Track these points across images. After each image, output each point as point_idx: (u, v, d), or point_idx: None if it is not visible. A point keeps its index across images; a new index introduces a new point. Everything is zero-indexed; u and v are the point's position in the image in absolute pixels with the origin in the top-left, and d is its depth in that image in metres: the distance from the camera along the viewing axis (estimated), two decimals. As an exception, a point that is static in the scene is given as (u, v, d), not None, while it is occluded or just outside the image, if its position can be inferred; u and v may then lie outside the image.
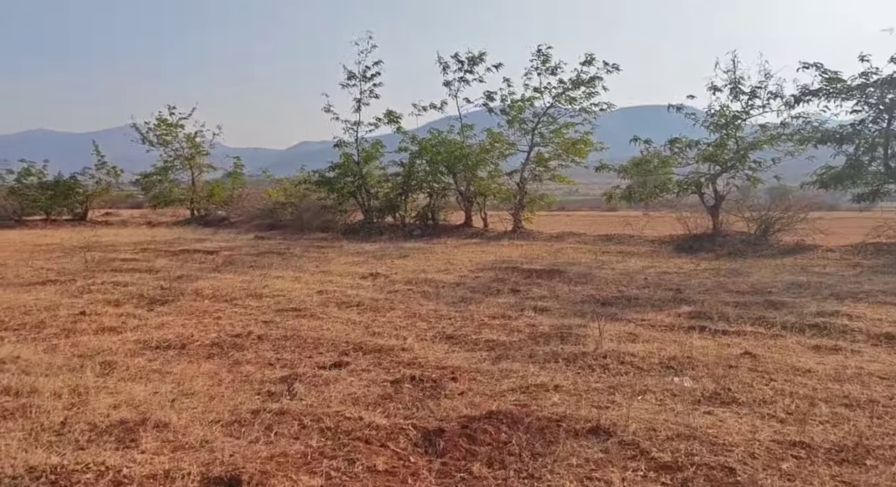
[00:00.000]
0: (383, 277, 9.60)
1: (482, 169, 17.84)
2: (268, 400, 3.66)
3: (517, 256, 12.50)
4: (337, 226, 19.91)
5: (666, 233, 15.04)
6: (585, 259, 11.95)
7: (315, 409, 3.51)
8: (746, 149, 12.38)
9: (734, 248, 12.53)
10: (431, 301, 7.59)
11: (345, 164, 19.54)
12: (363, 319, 6.33)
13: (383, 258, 12.29)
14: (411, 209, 19.17)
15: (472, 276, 9.71)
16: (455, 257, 12.36)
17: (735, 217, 13.63)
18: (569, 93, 16.09)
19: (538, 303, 7.36)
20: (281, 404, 3.58)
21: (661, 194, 13.53)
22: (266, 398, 3.72)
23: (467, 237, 16.71)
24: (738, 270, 9.94)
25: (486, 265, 11.08)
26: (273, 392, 3.84)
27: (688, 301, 7.38)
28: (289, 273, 10.07)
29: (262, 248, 14.28)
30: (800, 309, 6.64)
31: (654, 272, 10.02)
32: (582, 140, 16.39)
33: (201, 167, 26.12)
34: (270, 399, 3.70)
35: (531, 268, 10.50)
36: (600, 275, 9.57)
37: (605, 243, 14.53)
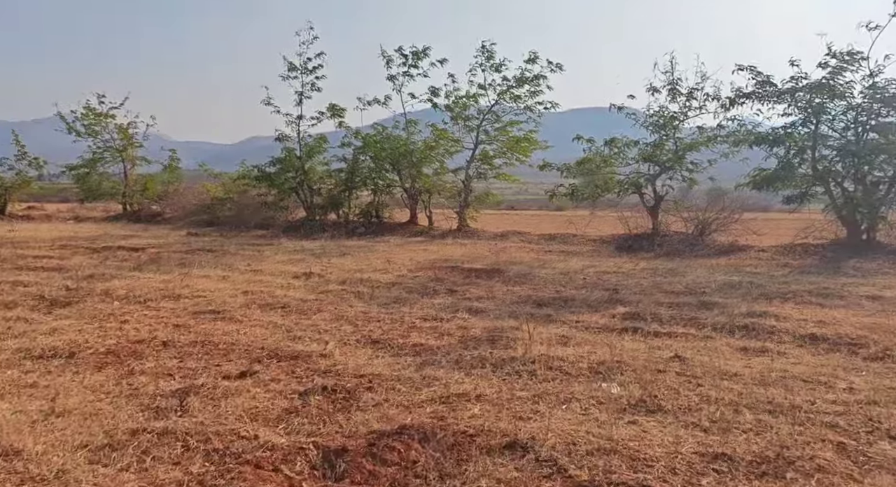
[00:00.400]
0: (317, 277, 9.20)
1: (428, 166, 17.57)
2: (153, 418, 3.27)
3: (459, 255, 12.29)
4: (278, 223, 19.25)
5: (608, 233, 15.17)
6: (527, 258, 11.86)
7: (206, 427, 3.15)
8: (684, 149, 12.57)
9: (672, 248, 12.70)
10: (363, 302, 7.27)
11: (286, 159, 18.91)
12: (286, 322, 5.94)
13: (321, 256, 11.85)
14: (355, 206, 18.72)
15: (410, 276, 9.43)
16: (396, 256, 12.05)
17: (674, 217, 13.85)
18: (513, 90, 16.00)
19: (474, 304, 7.15)
20: (167, 422, 3.20)
21: (603, 194, 13.59)
22: (152, 415, 3.33)
23: (412, 235, 16.42)
24: (674, 270, 10.02)
25: (426, 264, 10.82)
26: (162, 407, 3.44)
27: (623, 301, 7.31)
28: (217, 272, 9.53)
29: (193, 246, 13.57)
30: (730, 310, 6.66)
31: (593, 272, 9.99)
32: (526, 138, 16.34)
33: (134, 159, 24.80)
34: (157, 416, 3.31)
35: (472, 268, 10.31)
36: (540, 275, 9.46)
37: (548, 242, 14.52)
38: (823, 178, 11.32)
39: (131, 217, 23.15)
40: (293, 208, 20.00)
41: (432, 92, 16.89)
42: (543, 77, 15.59)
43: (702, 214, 13.36)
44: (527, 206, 45.60)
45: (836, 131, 11.44)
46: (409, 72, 17.11)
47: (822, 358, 4.91)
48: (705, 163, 12.83)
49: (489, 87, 16.11)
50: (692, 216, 13.63)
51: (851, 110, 11.11)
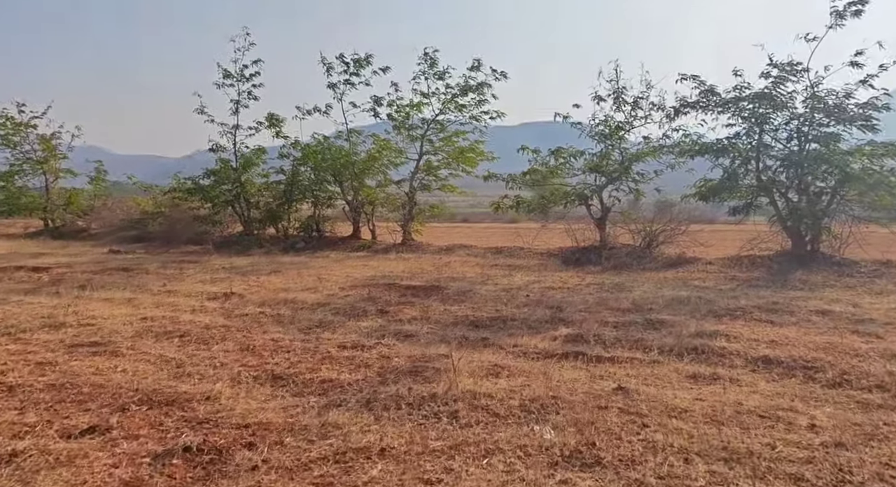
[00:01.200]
0: (237, 298, 8.34)
1: (370, 177, 16.85)
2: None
3: (400, 271, 11.60)
4: (212, 238, 18.13)
5: (556, 246, 14.76)
6: (471, 273, 11.26)
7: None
8: (630, 160, 12.27)
9: (620, 261, 12.35)
10: (280, 327, 6.48)
11: (221, 171, 17.85)
12: (179, 355, 5.11)
13: (249, 274, 10.95)
14: (295, 220, 17.81)
15: (341, 295, 8.67)
16: (332, 272, 11.26)
17: (621, 229, 13.54)
18: (457, 99, 15.50)
19: (404, 328, 6.46)
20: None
21: (549, 205, 13.17)
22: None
23: (353, 250, 15.64)
24: (621, 285, 9.59)
25: (362, 281, 10.08)
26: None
27: (566, 321, 6.76)
28: (123, 294, 8.54)
29: (110, 264, 12.43)
30: (679, 330, 6.18)
31: (538, 287, 9.46)
32: (472, 148, 15.84)
33: (57, 172, 23.13)
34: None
35: (410, 285, 9.63)
36: (481, 292, 8.86)
37: (494, 256, 13.98)
38: (768, 189, 11.18)
39: (53, 233, 21.53)
40: (230, 222, 18.93)
41: (375, 101, 16.23)
42: (488, 85, 15.17)
43: (649, 226, 13.09)
44: (481, 219, 45.25)
45: (779, 141, 11.35)
46: (350, 80, 16.42)
47: (777, 386, 4.43)
48: (651, 173, 12.58)
49: (433, 96, 15.58)
50: (639, 228, 13.35)
51: (794, 120, 11.03)
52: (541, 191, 14.31)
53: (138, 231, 20.06)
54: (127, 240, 19.33)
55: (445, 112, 15.88)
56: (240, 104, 17.70)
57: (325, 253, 15.04)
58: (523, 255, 13.96)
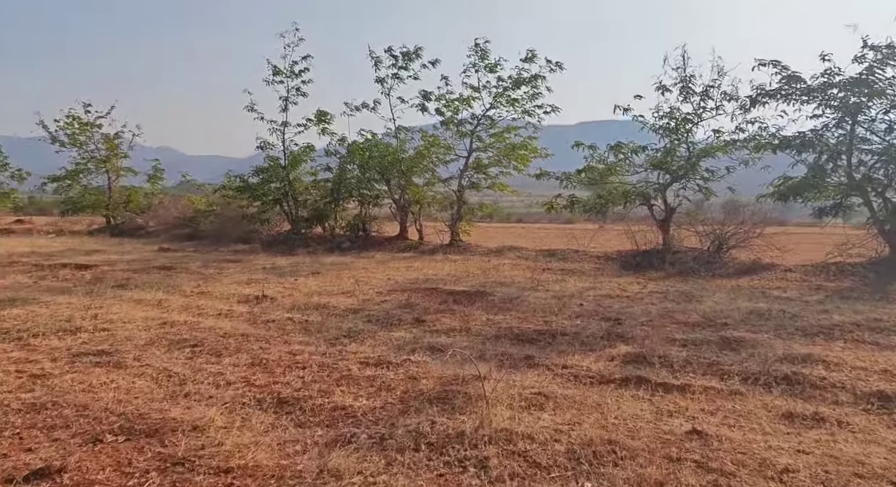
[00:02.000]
0: (268, 301, 7.86)
1: (418, 175, 16.27)
2: None
3: (444, 274, 10.92)
4: (260, 236, 18.02)
5: (614, 249, 13.74)
6: (520, 278, 10.46)
7: None
8: (698, 156, 11.11)
9: (686, 267, 11.25)
10: (305, 336, 5.91)
11: (269, 169, 17.69)
12: (184, 370, 4.58)
13: (288, 275, 10.54)
14: (342, 219, 17.44)
15: (378, 300, 8.06)
16: (373, 275, 10.71)
17: (687, 231, 12.39)
18: (509, 93, 14.68)
19: (440, 340, 5.77)
20: None
21: (607, 206, 12.17)
22: None
23: (399, 250, 15.08)
24: (689, 294, 8.56)
25: (402, 285, 9.47)
26: None
27: (626, 337, 5.89)
28: (155, 294, 8.23)
29: (155, 262, 12.32)
30: (763, 351, 5.21)
31: (593, 295, 8.56)
32: (524, 145, 14.98)
33: (119, 171, 23.74)
34: None
35: (453, 290, 8.93)
36: (530, 300, 8.05)
37: (547, 259, 13.10)
38: (861, 187, 9.84)
39: (114, 231, 22.04)
40: (279, 221, 18.77)
41: (423, 96, 15.61)
42: (542, 77, 14.27)
43: (719, 228, 11.90)
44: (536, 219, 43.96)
45: (876, 134, 9.97)
46: (398, 74, 15.87)
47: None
48: (722, 170, 11.37)
49: (483, 90, 14.81)
50: (708, 230, 12.17)
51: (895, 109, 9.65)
52: (598, 190, 13.33)
53: (191, 229, 20.25)
54: (180, 238, 19.51)
55: (496, 106, 15.09)
56: (289, 101, 17.46)
57: (370, 254, 14.56)
58: (578, 259, 13.02)
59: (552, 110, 14.86)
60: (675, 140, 11.26)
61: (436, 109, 15.23)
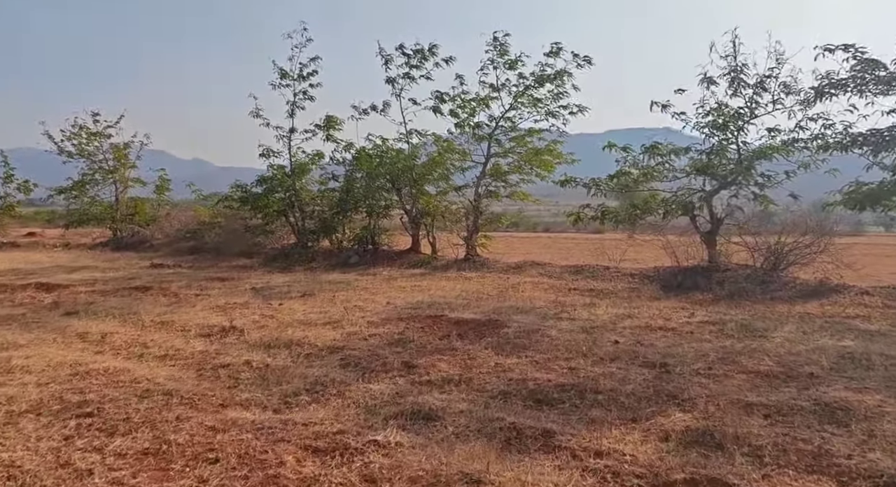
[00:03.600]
0: (235, 335, 6.52)
1: (431, 183, 14.89)
2: None
3: (455, 295, 9.48)
4: (264, 250, 16.83)
5: (649, 264, 12.12)
6: (542, 301, 8.95)
7: None
8: (752, 157, 9.44)
9: (737, 287, 9.60)
10: (255, 392, 4.53)
11: (274, 178, 16.51)
12: (39, 465, 3.20)
13: (275, 298, 9.23)
14: (350, 231, 16.13)
15: (366, 333, 6.65)
16: (373, 297, 9.33)
17: (736, 246, 10.73)
18: (532, 92, 13.22)
19: (429, 400, 4.32)
20: None
21: (642, 216, 10.58)
22: None
23: (410, 266, 13.68)
24: (750, 326, 6.95)
25: (403, 311, 8.06)
26: None
27: (681, 397, 4.35)
28: (106, 325, 6.96)
29: (136, 282, 11.14)
30: (886, 428, 3.63)
31: (629, 326, 7.01)
32: (548, 149, 13.48)
33: (126, 181, 22.92)
34: None
35: (461, 318, 7.49)
36: (552, 333, 6.55)
37: (573, 277, 11.54)
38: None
39: (119, 244, 21.15)
40: (286, 233, 17.56)
41: (437, 97, 14.23)
42: (568, 74, 12.78)
43: (775, 241, 10.21)
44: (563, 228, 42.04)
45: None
46: (410, 74, 14.56)
47: None
48: (780, 175, 9.68)
49: (503, 89, 13.38)
50: (761, 244, 10.50)
51: None
52: (630, 198, 11.76)
53: (196, 242, 19.23)
54: (183, 252, 18.49)
55: (517, 107, 13.64)
56: (296, 105, 16.30)
57: (376, 271, 13.19)
58: (609, 276, 11.44)
59: (579, 111, 13.36)
60: (723, 139, 9.62)
61: (450, 111, 13.83)
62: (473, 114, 13.73)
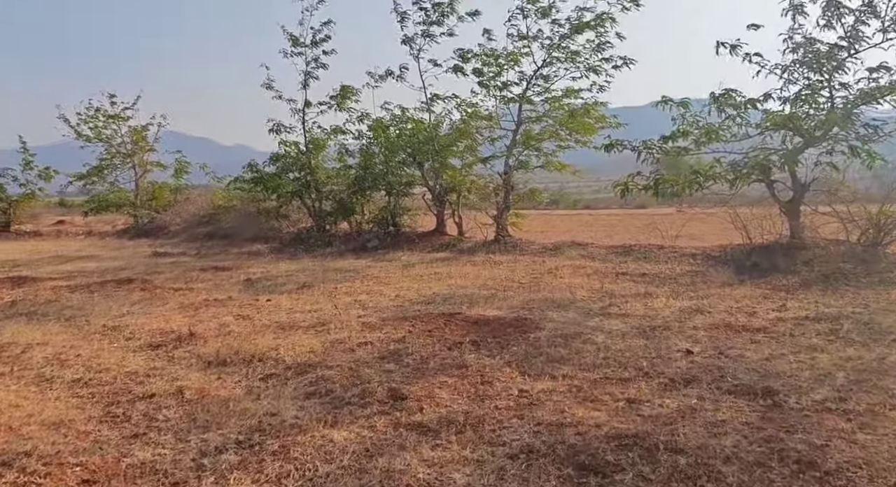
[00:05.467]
0: (190, 345, 5.13)
1: (457, 156, 13.25)
2: None
3: (479, 285, 7.91)
4: (280, 234, 15.57)
5: (713, 243, 10.24)
6: (584, 291, 7.27)
7: None
8: (855, 102, 7.36)
9: (831, 268, 7.72)
10: (163, 446, 3.09)
11: (288, 156, 15.14)
12: None
13: (266, 292, 7.85)
14: (370, 212, 14.68)
15: (356, 341, 5.15)
16: (382, 289, 7.85)
17: (825, 216, 8.76)
18: (568, 43, 11.34)
19: (411, 465, 2.79)
20: None
21: (705, 184, 8.68)
22: None
23: (433, 249, 12.14)
24: (871, 324, 5.14)
25: (411, 307, 6.54)
26: None
27: (818, 466, 2.67)
28: (41, 333, 5.68)
29: (124, 274, 9.98)
30: None
31: (702, 327, 5.30)
32: (586, 110, 11.61)
33: (146, 165, 22.02)
34: None
35: (481, 317, 5.92)
36: (598, 339, 4.91)
37: (620, 259, 9.79)
38: None
39: (138, 231, 20.31)
40: (304, 216, 16.23)
41: (461, 56, 12.47)
42: (611, 18, 10.83)
43: (878, 210, 8.23)
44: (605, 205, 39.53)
45: None
46: (429, 31, 12.80)
47: None
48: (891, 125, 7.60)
49: (534, 41, 11.52)
50: (857, 214, 8.51)
51: None
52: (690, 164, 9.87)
53: (213, 227, 18.18)
54: (198, 238, 17.45)
55: (551, 63, 11.78)
56: (309, 75, 14.80)
57: (396, 255, 11.71)
58: (664, 258, 9.63)
59: (625, 63, 11.40)
60: (815, 82, 7.58)
61: (473, 70, 12.07)
62: (501, 73, 11.94)
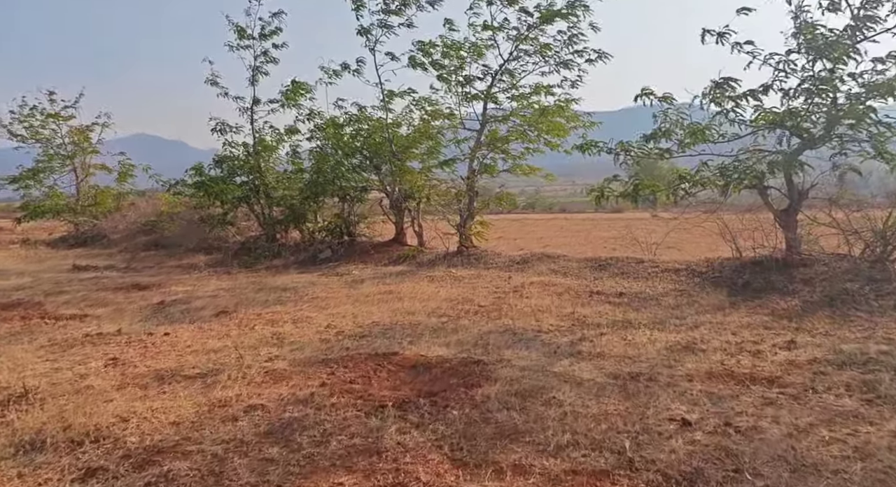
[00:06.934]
0: (5, 413, 3.79)
1: (418, 159, 12.02)
2: None
3: (432, 309, 6.69)
4: (227, 244, 14.14)
5: (697, 255, 9.15)
6: (552, 318, 6.08)
7: None
8: (868, 94, 6.23)
9: (835, 288, 6.65)
10: None
11: (234, 158, 13.75)
12: None
13: (171, 320, 6.51)
14: (324, 219, 13.37)
15: (245, 403, 3.90)
16: (315, 314, 6.58)
17: (824, 226, 7.71)
18: (536, 34, 10.18)
19: None
20: None
21: (691, 190, 7.56)
22: None
23: (390, 262, 10.88)
24: None
25: (339, 344, 5.29)
26: None
27: None
28: None
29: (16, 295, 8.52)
30: None
31: (697, 376, 4.14)
32: (559, 108, 10.47)
33: (88, 168, 20.34)
34: None
35: (422, 359, 4.70)
36: (565, 401, 3.72)
37: (595, 274, 8.63)
38: None
39: (78, 239, 18.64)
40: (254, 224, 14.81)
41: (420, 48, 11.22)
42: (584, 6, 9.70)
43: (885, 220, 7.19)
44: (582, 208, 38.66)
45: None
46: (387, 21, 11.53)
47: None
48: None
49: (500, 31, 10.33)
50: (860, 225, 7.48)
51: None
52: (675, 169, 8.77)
53: (157, 235, 16.66)
54: (139, 247, 15.95)
55: (519, 56, 10.61)
56: (258, 70, 13.46)
57: (348, 268, 10.45)
58: (645, 273, 8.48)
59: (599, 57, 10.28)
60: (822, 72, 6.46)
61: (433, 62, 10.84)
62: (463, 66, 10.74)
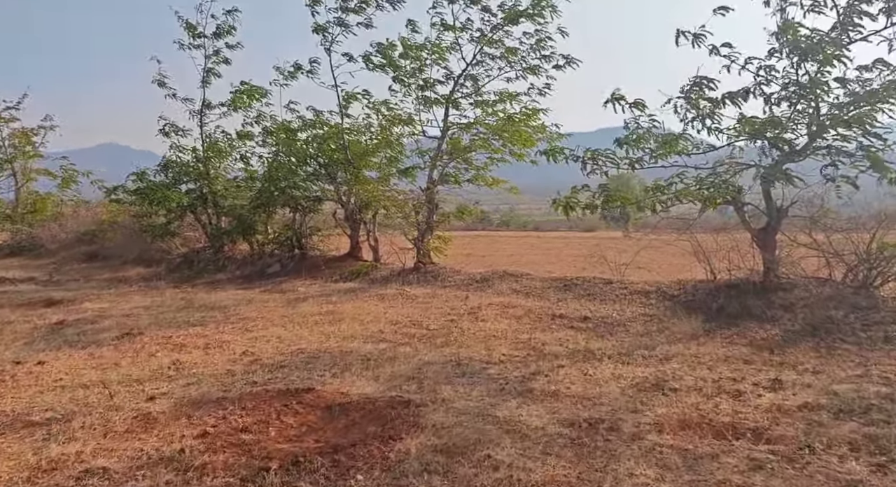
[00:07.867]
0: None
1: (375, 167, 11.23)
2: None
3: (373, 333, 5.87)
4: (170, 257, 13.09)
5: (668, 276, 8.47)
6: (504, 347, 5.30)
7: None
8: (862, 102, 5.58)
9: (818, 317, 6.02)
10: None
11: (181, 164, 12.79)
12: None
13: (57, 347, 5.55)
14: (275, 231, 12.45)
15: (92, 461, 3.02)
16: (236, 338, 5.70)
17: (804, 247, 7.10)
18: (501, 36, 9.52)
19: None
20: None
21: (666, 206, 6.89)
22: None
23: (342, 278, 10.01)
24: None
25: (250, 377, 4.44)
26: None
27: None
28: None
29: None
30: None
31: (668, 427, 3.38)
32: (525, 116, 9.80)
33: (29, 173, 19.08)
34: None
35: (342, 397, 3.89)
36: (502, 462, 2.91)
37: (559, 295, 7.88)
38: None
39: (14, 248, 17.35)
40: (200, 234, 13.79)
41: (378, 50, 10.46)
42: (551, 6, 9.08)
43: (868, 242, 6.61)
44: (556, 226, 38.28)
45: None
46: (344, 19, 10.76)
47: None
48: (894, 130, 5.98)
49: (463, 32, 9.66)
50: (841, 247, 6.88)
51: None
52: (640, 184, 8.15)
53: (97, 246, 15.51)
54: (77, 259, 14.83)
55: (482, 60, 9.95)
56: (210, 71, 12.60)
57: (295, 285, 9.57)
58: (612, 295, 7.76)
59: (567, 63, 9.67)
60: (811, 74, 5.83)
61: (390, 62, 10.09)
62: (423, 68, 10.02)
